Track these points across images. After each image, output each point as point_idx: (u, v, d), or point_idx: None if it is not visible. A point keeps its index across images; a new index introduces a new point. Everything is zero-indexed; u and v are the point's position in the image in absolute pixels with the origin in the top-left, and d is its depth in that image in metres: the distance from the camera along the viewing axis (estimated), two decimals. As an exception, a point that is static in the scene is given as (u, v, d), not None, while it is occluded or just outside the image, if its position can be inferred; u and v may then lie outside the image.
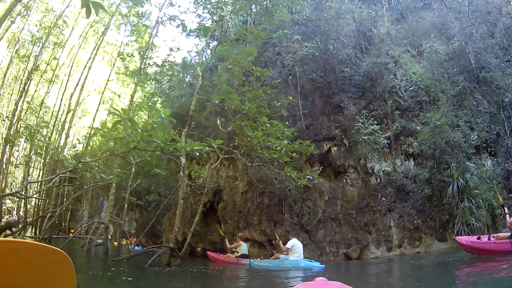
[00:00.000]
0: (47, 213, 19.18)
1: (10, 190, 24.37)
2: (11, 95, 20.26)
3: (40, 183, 24.73)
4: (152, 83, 16.80)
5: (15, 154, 25.05)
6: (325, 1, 16.77)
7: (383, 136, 14.95)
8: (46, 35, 19.29)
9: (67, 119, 19.43)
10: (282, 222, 14.82)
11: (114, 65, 21.39)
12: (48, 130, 19.61)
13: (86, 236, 16.48)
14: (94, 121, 25.63)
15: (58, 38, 20.54)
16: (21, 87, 18.09)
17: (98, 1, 3.74)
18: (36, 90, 22.59)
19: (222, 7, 14.52)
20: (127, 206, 22.34)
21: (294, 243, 12.14)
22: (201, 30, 16.56)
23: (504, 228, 11.98)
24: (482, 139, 16.81)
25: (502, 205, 10.82)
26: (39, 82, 22.47)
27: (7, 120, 19.48)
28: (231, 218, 15.80)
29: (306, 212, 14.94)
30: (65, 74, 22.65)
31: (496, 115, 18.03)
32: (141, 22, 18.35)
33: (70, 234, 20.11)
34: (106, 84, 22.35)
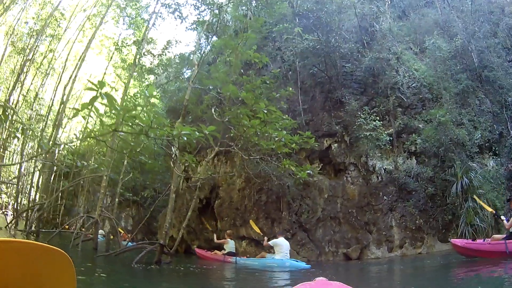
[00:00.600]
0: (35, 205, 18.06)
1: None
2: (8, 89, 19.24)
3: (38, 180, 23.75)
4: (148, 76, 15.74)
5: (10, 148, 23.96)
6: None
7: (386, 132, 13.87)
8: (42, 26, 18.30)
9: (61, 111, 18.27)
10: (280, 220, 13.82)
11: (111, 58, 20.36)
12: (43, 123, 18.50)
13: (81, 231, 15.33)
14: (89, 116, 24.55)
15: (55, 30, 19.56)
16: (16, 79, 17.07)
17: None
18: (32, 83, 21.56)
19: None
20: (124, 203, 21.39)
21: (278, 242, 11.40)
22: (199, 23, 15.53)
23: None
24: (485, 139, 15.82)
25: (495, 213, 10.36)
26: (35, 75, 21.41)
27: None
28: (228, 215, 14.78)
29: (305, 210, 13.94)
30: (61, 67, 21.48)
31: (499, 115, 17.17)
32: (139, 15, 17.37)
33: (65, 229, 18.92)
34: (103, 78, 21.32)
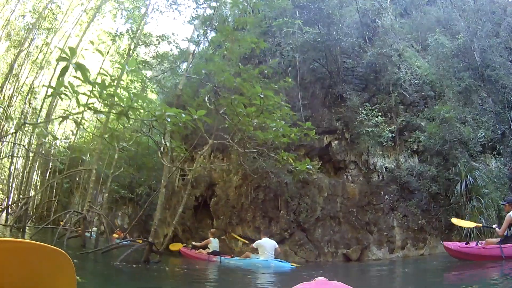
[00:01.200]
0: (20, 200, 17.04)
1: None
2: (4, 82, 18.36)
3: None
4: (143, 66, 14.82)
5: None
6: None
7: (388, 129, 12.91)
8: (37, 19, 17.39)
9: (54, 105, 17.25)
10: (277, 219, 12.86)
11: (108, 52, 19.41)
12: (37, 115, 17.53)
13: (74, 228, 14.26)
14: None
15: (51, 24, 18.62)
16: (8, 71, 16.16)
17: None
18: (27, 77, 20.60)
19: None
20: (120, 201, 20.44)
21: (262, 243, 10.62)
22: (197, 17, 14.62)
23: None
24: (487, 138, 14.94)
25: (483, 226, 10.06)
26: (31, 68, 20.45)
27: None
28: (224, 214, 13.82)
29: (304, 209, 12.99)
30: (56, 60, 20.41)
31: (501, 115, 16.43)
32: (137, 9, 16.48)
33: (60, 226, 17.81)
34: (99, 73, 20.30)
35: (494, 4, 19.67)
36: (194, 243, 13.23)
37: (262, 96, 6.99)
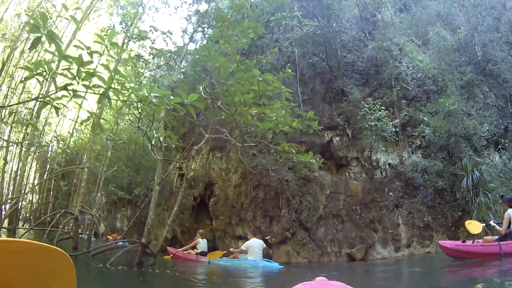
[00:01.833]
0: (8, 200, 16.14)
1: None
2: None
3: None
4: (137, 62, 13.98)
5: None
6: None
7: (391, 123, 12.09)
8: (31, 17, 16.56)
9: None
10: (278, 218, 12.02)
11: (103, 52, 18.52)
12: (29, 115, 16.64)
13: (64, 230, 13.30)
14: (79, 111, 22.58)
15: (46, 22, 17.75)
16: (1, 69, 15.35)
17: None
18: (23, 77, 19.69)
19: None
20: (119, 203, 19.58)
21: (249, 244, 10.50)
22: (194, 14, 13.82)
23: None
24: (491, 133, 14.15)
25: (486, 225, 9.21)
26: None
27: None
28: (223, 214, 12.99)
29: (306, 207, 12.15)
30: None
31: (504, 109, 15.79)
32: (133, 7, 15.70)
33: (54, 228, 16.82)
34: (95, 70, 19.42)
35: (493, -1, 18.96)
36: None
37: (260, 79, 6.15)
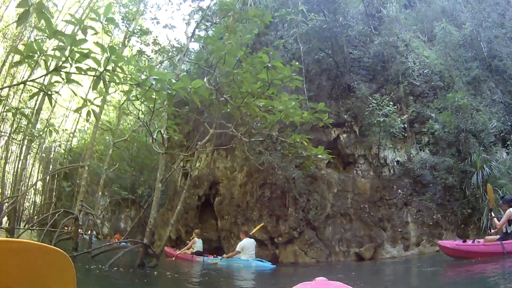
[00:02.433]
0: (5, 199, 15.55)
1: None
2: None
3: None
4: (138, 58, 13.45)
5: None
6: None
7: (399, 118, 11.54)
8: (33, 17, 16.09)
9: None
10: (285, 218, 11.47)
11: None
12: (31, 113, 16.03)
13: (63, 229, 12.64)
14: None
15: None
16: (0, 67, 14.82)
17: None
18: (23, 77, 19.15)
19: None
20: (123, 203, 19.03)
21: (244, 244, 10.50)
22: (197, 11, 13.31)
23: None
24: (498, 129, 13.54)
25: (491, 209, 9.25)
26: (26, 68, 19.04)
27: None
28: (228, 213, 12.45)
29: (313, 206, 11.61)
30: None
31: (510, 105, 15.23)
32: (135, 5, 15.17)
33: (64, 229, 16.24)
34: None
35: (497, -5, 18.44)
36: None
37: (269, 65, 5.59)
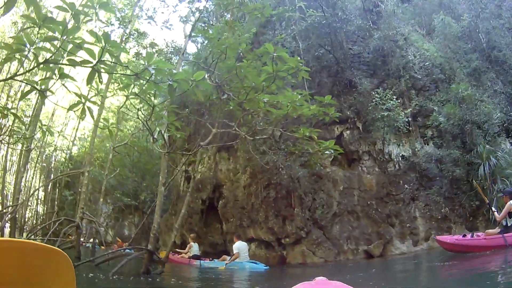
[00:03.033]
0: (6, 208, 15.11)
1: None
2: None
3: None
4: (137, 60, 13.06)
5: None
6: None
7: (403, 112, 11.16)
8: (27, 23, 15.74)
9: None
10: (292, 218, 11.08)
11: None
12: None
13: (64, 238, 12.14)
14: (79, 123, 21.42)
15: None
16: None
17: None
18: (20, 86, 18.69)
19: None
20: (126, 210, 18.58)
21: (239, 246, 10.42)
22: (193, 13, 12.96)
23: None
24: (501, 120, 13.15)
25: (489, 203, 9.46)
26: (24, 72, 18.54)
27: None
28: (233, 216, 12.05)
29: (319, 204, 11.23)
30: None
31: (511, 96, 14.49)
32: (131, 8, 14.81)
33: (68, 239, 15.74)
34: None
35: (493, -14, 18.11)
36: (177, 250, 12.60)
37: (275, 55, 5.19)
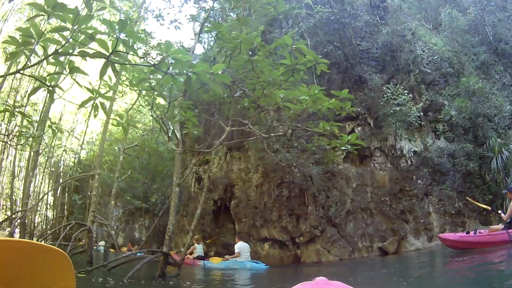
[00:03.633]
0: (16, 213, 14.92)
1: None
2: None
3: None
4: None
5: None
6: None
7: (415, 107, 10.92)
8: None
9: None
10: (306, 216, 10.86)
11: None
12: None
13: (75, 242, 11.90)
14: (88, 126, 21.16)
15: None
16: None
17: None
18: (26, 91, 18.49)
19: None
20: (136, 213, 18.36)
21: (240, 246, 10.56)
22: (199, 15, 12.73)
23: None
24: (510, 113, 12.90)
25: (491, 209, 9.30)
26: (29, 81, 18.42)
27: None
28: (246, 216, 11.82)
29: (333, 202, 11.00)
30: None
31: None
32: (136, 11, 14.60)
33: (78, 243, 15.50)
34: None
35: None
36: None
37: (294, 47, 4.95)
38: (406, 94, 10.94)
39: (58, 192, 21.60)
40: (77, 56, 3.60)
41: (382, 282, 6.17)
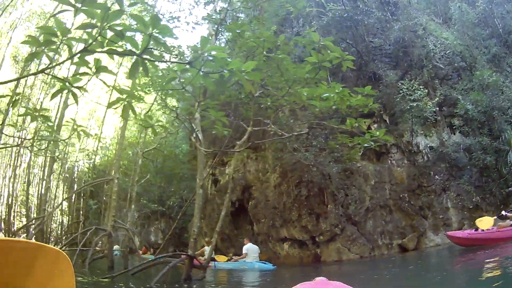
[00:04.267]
0: (33, 219, 14.89)
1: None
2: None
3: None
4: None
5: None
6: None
7: (430, 102, 10.78)
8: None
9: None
10: (325, 215, 10.75)
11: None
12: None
13: (96, 248, 11.87)
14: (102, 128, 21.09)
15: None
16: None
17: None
18: (38, 98, 18.39)
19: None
20: (152, 216, 18.26)
21: (248, 248, 10.61)
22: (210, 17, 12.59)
23: None
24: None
25: (498, 216, 8.94)
26: (42, 88, 18.33)
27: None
28: (265, 217, 11.71)
29: (352, 200, 10.92)
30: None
31: None
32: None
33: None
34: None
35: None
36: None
37: (321, 44, 4.81)
38: (421, 90, 10.79)
39: (73, 197, 21.57)
40: (106, 53, 3.42)
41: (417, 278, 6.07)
